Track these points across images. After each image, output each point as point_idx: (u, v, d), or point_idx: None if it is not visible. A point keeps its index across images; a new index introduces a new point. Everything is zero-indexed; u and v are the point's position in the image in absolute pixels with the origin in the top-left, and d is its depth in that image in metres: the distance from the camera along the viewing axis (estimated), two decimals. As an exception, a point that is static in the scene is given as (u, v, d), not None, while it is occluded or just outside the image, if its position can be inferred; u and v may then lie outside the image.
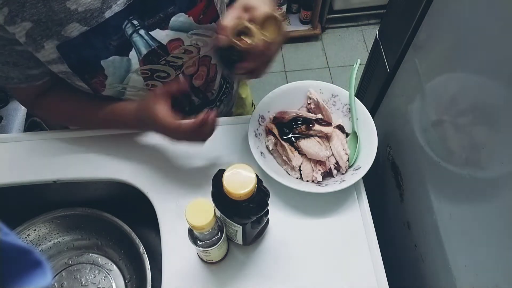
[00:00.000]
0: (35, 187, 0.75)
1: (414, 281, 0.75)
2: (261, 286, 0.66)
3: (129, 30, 0.62)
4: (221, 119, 0.85)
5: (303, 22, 2.16)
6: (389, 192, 0.85)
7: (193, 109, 0.84)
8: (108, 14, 0.59)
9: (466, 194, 0.58)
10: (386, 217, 0.87)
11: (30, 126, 1.22)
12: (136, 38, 0.63)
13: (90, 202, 0.79)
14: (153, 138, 0.78)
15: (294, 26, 2.16)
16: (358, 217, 0.71)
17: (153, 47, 0.65)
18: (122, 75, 0.65)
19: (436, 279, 0.67)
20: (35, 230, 0.79)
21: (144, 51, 0.65)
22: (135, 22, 0.62)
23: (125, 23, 0.61)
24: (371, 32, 2.24)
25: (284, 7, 2.10)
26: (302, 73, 2.12)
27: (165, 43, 0.66)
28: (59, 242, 0.83)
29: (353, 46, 2.21)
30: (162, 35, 0.65)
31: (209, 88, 0.83)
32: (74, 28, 0.57)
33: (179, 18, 0.64)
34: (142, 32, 0.63)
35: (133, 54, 0.64)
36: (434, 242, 0.66)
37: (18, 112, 1.17)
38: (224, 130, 0.80)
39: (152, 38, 0.64)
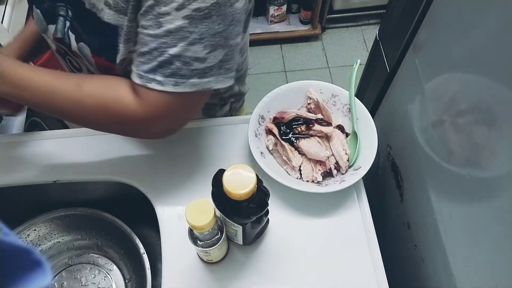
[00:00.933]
0: (35, 187, 0.75)
1: (414, 281, 0.75)
2: (261, 286, 0.66)
3: (61, 11, 0.60)
4: (221, 119, 0.85)
5: (303, 22, 2.16)
6: (389, 192, 0.85)
7: None
8: None
9: (466, 194, 0.58)
10: (386, 217, 0.87)
11: (30, 126, 1.21)
12: (61, 21, 0.61)
13: (90, 202, 0.79)
14: (154, 139, 0.78)
15: (294, 26, 2.16)
16: (358, 217, 0.71)
17: (66, 42, 0.62)
18: (42, 28, 0.65)
19: (436, 279, 0.67)
20: (35, 230, 0.79)
21: (59, 35, 0.62)
22: (70, 12, 0.60)
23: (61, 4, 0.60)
24: (371, 32, 2.24)
25: (284, 7, 2.10)
26: (302, 73, 2.12)
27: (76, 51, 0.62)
28: (59, 242, 0.83)
29: (353, 46, 2.21)
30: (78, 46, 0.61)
31: None
32: None
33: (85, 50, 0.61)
34: (67, 23, 0.61)
35: (51, 27, 0.63)
36: (434, 242, 0.66)
37: (18, 112, 1.17)
38: (224, 130, 0.80)
39: (69, 37, 0.62)
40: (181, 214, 0.71)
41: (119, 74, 0.60)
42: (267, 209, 0.60)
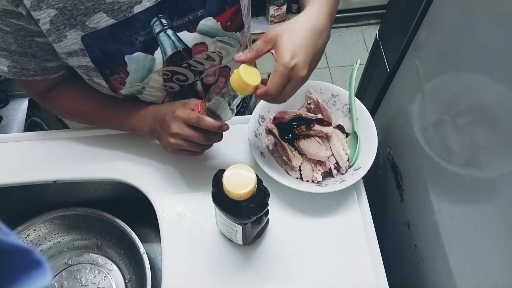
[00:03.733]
0: (35, 187, 0.75)
1: (414, 281, 0.75)
2: (261, 286, 0.66)
3: (157, 28, 0.61)
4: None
5: (303, 22, 2.16)
6: (389, 192, 0.85)
7: None
8: (137, 9, 0.58)
9: (466, 194, 0.58)
10: (386, 217, 0.87)
11: (30, 126, 1.22)
12: (163, 37, 0.63)
13: (90, 202, 0.79)
14: (154, 139, 0.78)
15: (294, 26, 2.16)
16: (358, 217, 0.71)
17: (179, 49, 0.65)
18: (144, 74, 0.65)
19: (436, 279, 0.67)
20: (35, 230, 0.79)
21: (169, 51, 0.64)
22: (164, 21, 0.61)
23: (154, 20, 0.61)
24: (371, 32, 2.24)
25: (284, 7, 2.10)
26: (302, 73, 2.11)
27: (190, 46, 0.65)
28: (59, 242, 0.83)
29: (353, 46, 2.21)
30: (189, 38, 0.64)
31: None
32: (101, 19, 0.57)
33: (208, 22, 0.64)
34: (169, 32, 0.63)
35: (158, 53, 0.63)
36: (434, 242, 0.66)
37: (18, 112, 1.18)
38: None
39: (179, 40, 0.64)
40: (181, 214, 0.71)
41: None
42: (267, 209, 0.60)
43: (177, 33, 0.63)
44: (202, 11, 0.63)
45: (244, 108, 0.91)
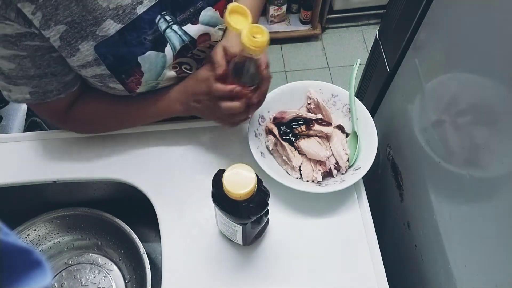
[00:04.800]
0: (35, 187, 0.75)
1: (414, 281, 0.75)
2: (261, 286, 0.66)
3: (163, 26, 0.63)
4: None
5: (303, 22, 2.16)
6: (389, 192, 0.85)
7: None
8: (140, 9, 0.59)
9: (466, 194, 0.58)
10: (386, 217, 0.87)
11: (30, 126, 1.22)
12: (170, 33, 0.64)
13: (90, 202, 0.79)
14: (154, 139, 0.78)
15: (294, 26, 2.16)
16: (358, 217, 0.71)
17: (186, 42, 0.66)
18: (158, 71, 0.66)
19: (436, 279, 0.67)
20: (35, 230, 0.79)
21: (178, 46, 0.66)
22: (168, 17, 0.63)
23: (158, 18, 0.62)
24: (371, 32, 2.24)
25: (284, 7, 2.10)
26: (302, 73, 2.12)
27: (196, 38, 0.67)
28: (59, 242, 0.83)
29: (353, 46, 2.21)
30: (194, 30, 0.66)
31: None
32: (110, 26, 0.58)
33: (208, 12, 0.66)
34: (175, 27, 0.64)
35: (168, 49, 0.65)
36: (434, 242, 0.66)
37: (18, 112, 1.17)
38: (224, 130, 0.80)
39: (185, 33, 0.65)
40: (181, 214, 0.71)
41: None
42: (267, 209, 0.60)
43: (182, 27, 0.64)
44: (202, 2, 0.64)
45: None
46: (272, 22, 2.14)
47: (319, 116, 0.75)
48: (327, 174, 0.73)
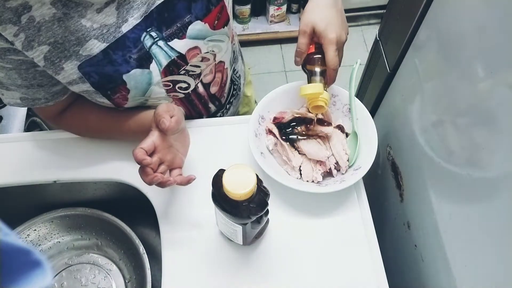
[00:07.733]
0: (35, 187, 0.75)
1: (414, 281, 0.75)
2: (261, 286, 0.66)
3: (148, 42, 0.61)
4: (221, 119, 0.85)
5: (303, 22, 2.16)
6: (389, 192, 0.85)
7: (210, 117, 0.85)
8: (125, 28, 0.58)
9: (466, 194, 0.58)
10: (386, 217, 0.87)
11: (30, 126, 1.21)
12: (155, 50, 0.63)
13: (90, 202, 0.79)
14: (153, 138, 0.78)
15: (294, 26, 2.16)
16: (358, 217, 0.71)
17: (173, 58, 0.65)
18: (144, 87, 0.65)
19: (436, 279, 0.67)
20: (35, 230, 0.79)
21: (164, 62, 0.64)
22: (153, 34, 0.61)
23: (144, 35, 0.61)
24: (371, 32, 2.24)
25: (284, 7, 2.10)
26: (302, 73, 2.11)
27: (184, 53, 0.66)
28: (59, 242, 0.83)
29: (353, 46, 2.21)
30: (180, 45, 0.64)
31: (222, 93, 0.83)
32: (94, 45, 0.57)
33: (196, 26, 0.64)
34: (161, 43, 0.63)
35: (153, 66, 0.64)
36: (434, 242, 0.66)
37: (18, 112, 1.17)
38: (224, 130, 0.80)
39: (171, 49, 0.64)
40: (181, 214, 0.71)
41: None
42: (267, 209, 0.60)
43: (168, 43, 0.63)
44: (189, 17, 0.63)
45: (236, 92, 0.92)
46: (272, 22, 2.14)
47: (319, 116, 0.75)
48: (327, 174, 0.73)
